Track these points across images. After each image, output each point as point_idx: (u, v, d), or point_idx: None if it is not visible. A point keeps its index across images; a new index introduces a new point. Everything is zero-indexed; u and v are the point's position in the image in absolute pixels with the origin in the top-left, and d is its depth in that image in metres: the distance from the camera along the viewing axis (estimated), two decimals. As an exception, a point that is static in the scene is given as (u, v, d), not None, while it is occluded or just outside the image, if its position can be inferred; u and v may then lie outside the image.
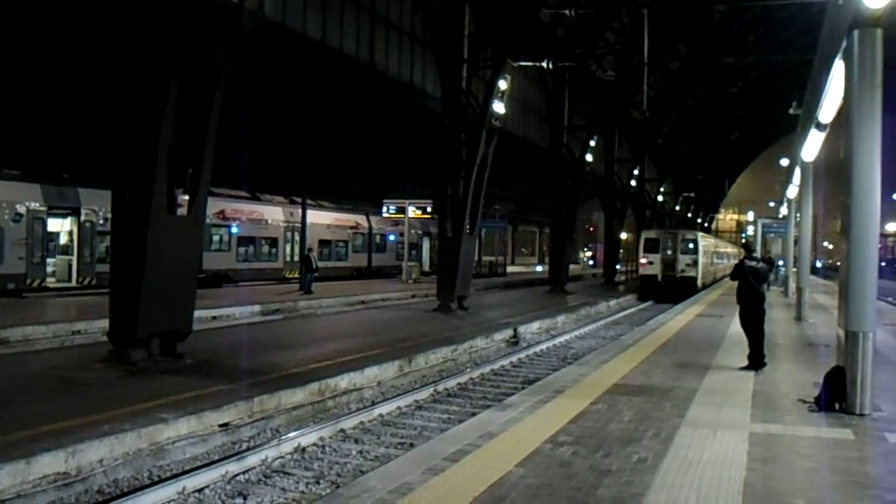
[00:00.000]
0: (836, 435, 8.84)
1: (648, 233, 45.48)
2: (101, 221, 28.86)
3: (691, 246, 42.55)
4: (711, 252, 49.39)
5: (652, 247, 42.40)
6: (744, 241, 50.50)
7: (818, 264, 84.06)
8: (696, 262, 41.92)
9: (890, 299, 39.60)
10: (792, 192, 30.11)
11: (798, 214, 28.28)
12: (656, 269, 41.51)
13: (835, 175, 10.75)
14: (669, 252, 41.91)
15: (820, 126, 16.67)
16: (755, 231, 52.49)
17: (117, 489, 8.39)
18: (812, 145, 19.53)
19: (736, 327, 15.46)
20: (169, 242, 13.35)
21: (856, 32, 9.66)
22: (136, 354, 13.11)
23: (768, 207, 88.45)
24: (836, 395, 9.95)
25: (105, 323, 14.31)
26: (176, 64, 13.01)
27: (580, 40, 38.25)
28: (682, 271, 41.47)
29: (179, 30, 13.07)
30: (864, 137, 9.70)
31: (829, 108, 14.36)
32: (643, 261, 41.93)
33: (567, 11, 30.03)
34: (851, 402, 9.77)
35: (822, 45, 14.75)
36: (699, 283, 42.27)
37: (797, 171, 25.48)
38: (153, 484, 8.30)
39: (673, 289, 39.80)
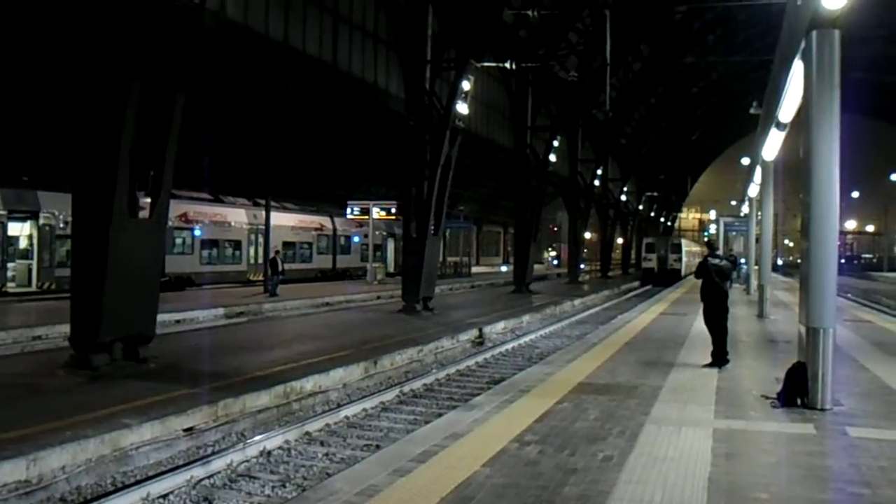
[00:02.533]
0: (797, 430, 8.94)
1: (648, 239, 66.15)
2: (61, 225, 28.52)
3: (677, 248, 62.37)
4: (689, 252, 64.89)
5: (651, 249, 62.10)
6: (706, 239, 53.77)
7: (779, 262, 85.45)
8: (680, 259, 60.36)
9: (849, 295, 40.20)
10: (753, 190, 30.49)
11: (759, 213, 28.60)
12: (654, 264, 60.17)
13: (795, 174, 10.89)
14: (662, 252, 60.82)
15: (780, 125, 16.90)
16: (717, 229, 54.07)
17: (80, 497, 8.29)
18: (772, 144, 19.79)
19: (699, 325, 15.60)
20: (131, 246, 13.21)
21: (814, 33, 9.79)
22: (99, 359, 12.96)
23: (730, 206, 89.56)
24: (797, 391, 10.06)
25: (67, 328, 14.13)
26: (137, 65, 12.87)
27: (543, 41, 38.36)
28: (671, 265, 59.55)
29: (140, 30, 12.93)
30: (822, 137, 9.83)
31: (788, 107, 14.57)
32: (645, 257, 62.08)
33: (530, 12, 30.14)
34: (813, 398, 9.89)
35: (781, 45, 14.94)
36: (682, 272, 57.89)
37: (758, 170, 25.78)
38: (117, 490, 8.21)
39: (665, 277, 56.44)
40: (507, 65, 31.70)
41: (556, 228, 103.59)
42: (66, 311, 13.77)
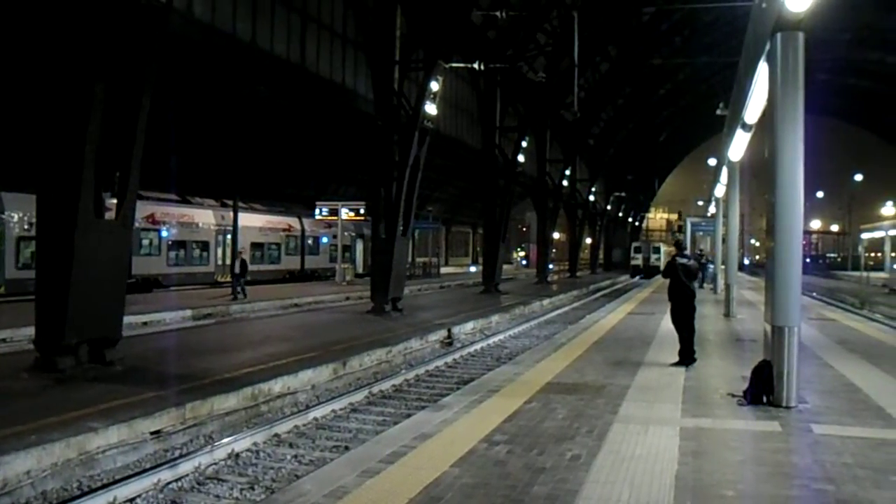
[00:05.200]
0: (763, 427, 9.03)
1: (636, 243, 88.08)
2: (26, 226, 28.19)
3: (657, 249, 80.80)
4: (667, 252, 76.86)
5: (638, 250, 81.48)
6: (675, 239, 55.49)
7: (745, 261, 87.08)
8: (659, 258, 75.52)
9: (814, 294, 40.69)
10: (720, 191, 30.70)
11: (726, 213, 28.82)
12: (640, 262, 78.23)
13: (761, 174, 10.99)
14: (646, 253, 79.77)
15: (745, 126, 17.05)
16: (684, 229, 54.52)
17: (46, 502, 8.21)
18: (738, 145, 19.94)
19: (666, 324, 15.71)
20: (97, 247, 13.09)
21: (779, 35, 9.90)
22: (64, 362, 12.82)
23: (697, 206, 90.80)
24: (763, 389, 10.17)
25: (31, 330, 13.97)
26: (102, 65, 12.76)
27: (511, 42, 38.50)
28: (653, 263, 75.76)
29: (106, 30, 12.81)
30: (787, 137, 9.93)
31: (754, 109, 14.70)
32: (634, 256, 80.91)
33: (498, 13, 30.21)
34: (778, 396, 10.00)
35: (746, 47, 15.06)
36: (661, 268, 65.88)
37: (724, 171, 25.97)
38: (83, 495, 8.13)
39: (648, 271, 73.51)
40: (476, 65, 31.71)
41: (524, 229, 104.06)
42: (28, 313, 13.61)
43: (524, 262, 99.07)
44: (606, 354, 15.20)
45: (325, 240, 51.23)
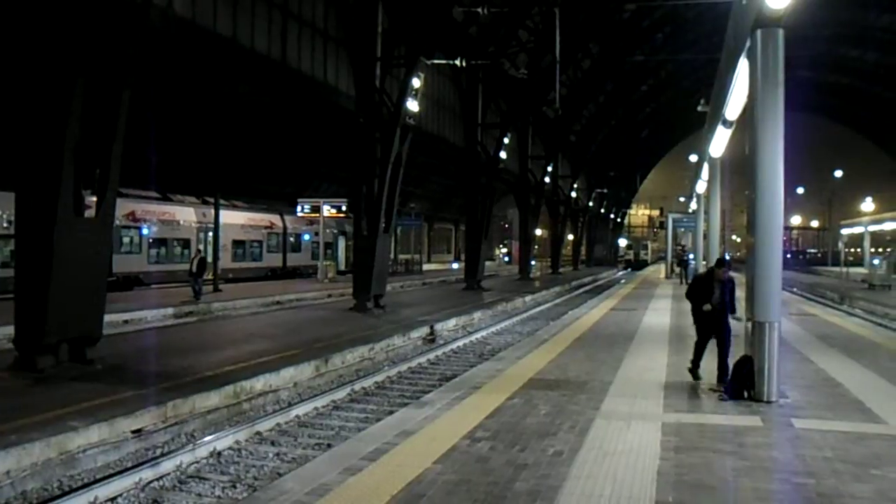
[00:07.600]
0: (745, 422, 9.07)
1: (626, 241, 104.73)
2: (5, 224, 27.99)
3: (645, 246, 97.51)
4: (652, 249, 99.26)
5: (629, 247, 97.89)
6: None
7: (727, 257, 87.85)
8: (647, 254, 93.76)
9: (795, 289, 40.91)
10: (701, 187, 30.87)
11: (706, 210, 28.96)
12: (631, 256, 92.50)
13: (741, 170, 11.05)
14: (636, 249, 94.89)
15: (726, 123, 17.17)
16: (666, 226, 54.51)
17: (26, 502, 8.15)
18: (719, 141, 20.08)
19: (648, 320, 15.82)
20: (77, 245, 13.00)
21: (759, 32, 9.96)
22: (44, 361, 12.73)
23: (679, 202, 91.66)
24: (744, 384, 10.23)
25: (10, 329, 13.86)
26: (82, 61, 12.67)
27: (493, 38, 38.47)
28: (642, 258, 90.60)
29: (85, 26, 12.72)
30: (767, 134, 10.00)
31: (734, 105, 14.80)
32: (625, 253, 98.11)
33: (480, 9, 30.14)
34: (759, 390, 10.06)
35: (727, 44, 15.14)
36: (648, 261, 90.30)
37: (705, 167, 26.11)
38: (63, 494, 8.08)
39: (638, 264, 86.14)
40: (458, 62, 31.67)
41: (507, 225, 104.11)
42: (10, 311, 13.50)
43: (506, 259, 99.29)
44: (589, 350, 15.24)
45: (307, 237, 51.04)
